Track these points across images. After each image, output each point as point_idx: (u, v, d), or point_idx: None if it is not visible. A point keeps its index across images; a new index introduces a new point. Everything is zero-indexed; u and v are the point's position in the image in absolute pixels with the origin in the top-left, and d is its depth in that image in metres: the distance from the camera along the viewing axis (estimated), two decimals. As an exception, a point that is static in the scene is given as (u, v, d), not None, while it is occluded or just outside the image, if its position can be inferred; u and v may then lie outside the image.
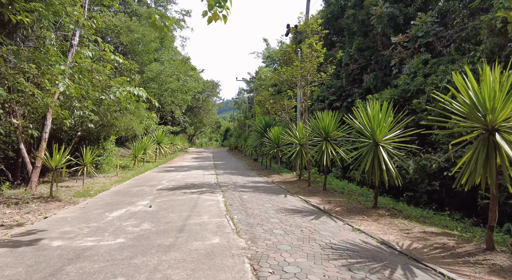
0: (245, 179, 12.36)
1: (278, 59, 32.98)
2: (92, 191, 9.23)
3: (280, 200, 7.86)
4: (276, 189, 9.76)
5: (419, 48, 13.73)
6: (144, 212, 6.55)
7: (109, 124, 11.80)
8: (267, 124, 15.75)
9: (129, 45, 23.69)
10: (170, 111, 36.71)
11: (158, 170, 15.62)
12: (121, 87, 7.53)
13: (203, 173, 14.21)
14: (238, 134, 30.17)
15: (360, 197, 8.41)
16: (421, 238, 4.85)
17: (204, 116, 45.00)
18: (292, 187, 10.30)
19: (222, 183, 11.10)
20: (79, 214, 6.37)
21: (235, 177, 12.98)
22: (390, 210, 6.58)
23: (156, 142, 20.32)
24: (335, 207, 7.17)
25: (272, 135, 13.85)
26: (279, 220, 5.84)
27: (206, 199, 7.90)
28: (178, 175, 13.41)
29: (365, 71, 18.62)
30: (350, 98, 18.11)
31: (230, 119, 79.36)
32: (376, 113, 6.51)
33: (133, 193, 8.93)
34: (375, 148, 6.61)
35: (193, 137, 55.27)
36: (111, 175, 13.08)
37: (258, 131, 16.43)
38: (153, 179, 12.25)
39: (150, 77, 22.58)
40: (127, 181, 11.59)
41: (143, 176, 13.11)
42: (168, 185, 10.57)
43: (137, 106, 14.14)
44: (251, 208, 6.90)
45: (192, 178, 12.36)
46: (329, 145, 8.94)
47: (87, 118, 10.33)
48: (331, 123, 8.93)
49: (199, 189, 9.55)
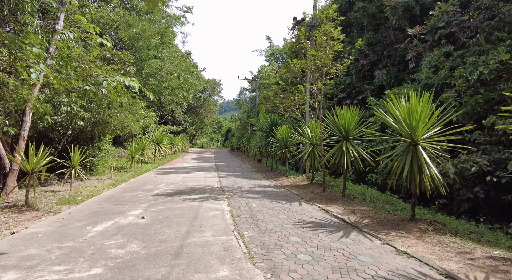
0: (250, 182, 11.18)
1: (282, 57, 31.82)
2: (79, 197, 8.07)
3: (296, 210, 6.68)
4: (288, 195, 8.58)
5: (439, 40, 12.55)
6: (134, 225, 5.37)
7: (102, 122, 10.65)
8: (273, 123, 14.58)
9: (128, 41, 22.55)
10: (171, 110, 35.56)
11: (157, 172, 14.45)
12: (110, 78, 6.38)
13: (204, 176, 13.03)
14: (240, 134, 28.99)
15: (387, 206, 7.22)
16: (494, 268, 3.66)
17: (205, 116, 43.81)
18: (304, 192, 9.12)
19: (226, 187, 9.92)
20: (55, 228, 5.20)
21: (239, 180, 11.80)
22: (431, 224, 5.39)
23: (155, 142, 19.16)
24: (363, 219, 5.99)
25: (279, 134, 12.67)
26: (301, 238, 4.65)
27: (209, 208, 6.72)
28: (178, 178, 12.24)
29: (377, 67, 17.43)
30: (360, 95, 16.93)
31: (232, 119, 78.24)
32: (414, 106, 5.32)
33: (126, 200, 7.76)
34: (413, 148, 5.43)
35: (194, 137, 54.12)
36: (104, 178, 11.91)
37: (263, 130, 15.26)
38: (150, 182, 11.08)
39: (149, 73, 21.43)
40: (121, 185, 10.42)
41: (139, 179, 11.94)
42: (166, 189, 9.40)
43: (132, 102, 12.97)
44: (263, 220, 5.72)
45: (193, 181, 11.19)
46: (349, 145, 7.75)
47: (76, 114, 9.17)
48: (352, 119, 7.75)
49: (201, 195, 8.37)
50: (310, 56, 8.48)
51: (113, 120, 10.94)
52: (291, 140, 12.34)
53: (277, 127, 14.11)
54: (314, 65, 8.49)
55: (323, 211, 6.63)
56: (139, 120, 14.25)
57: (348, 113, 7.82)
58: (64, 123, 10.08)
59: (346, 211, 6.67)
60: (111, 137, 15.45)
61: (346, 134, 7.86)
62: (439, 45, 12.37)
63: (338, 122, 7.94)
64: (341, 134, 7.96)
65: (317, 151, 10.14)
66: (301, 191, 9.25)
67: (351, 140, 7.90)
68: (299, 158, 10.66)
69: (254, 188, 9.79)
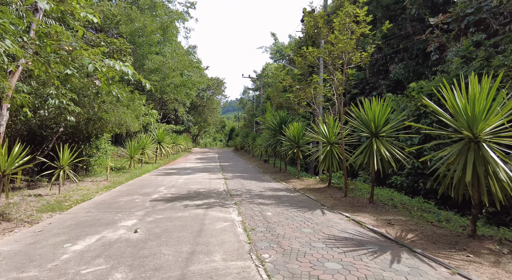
0: (260, 185, 10.03)
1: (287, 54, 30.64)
2: (67, 202, 6.97)
3: (320, 220, 5.52)
4: (305, 201, 7.42)
5: (466, 29, 11.33)
6: (125, 242, 4.25)
7: (97, 118, 9.57)
8: (282, 120, 13.43)
9: (129, 37, 21.51)
10: (173, 109, 34.53)
11: (157, 173, 13.35)
12: (99, 62, 5.29)
13: (209, 177, 11.91)
14: (245, 133, 27.85)
15: (426, 215, 6.04)
16: None
17: (209, 115, 42.69)
18: (323, 197, 7.96)
19: (233, 190, 8.78)
20: (23, 246, 4.09)
21: (247, 182, 10.65)
22: (503, 244, 4.20)
23: (157, 141, 18.08)
24: (405, 233, 4.82)
25: (291, 132, 11.51)
26: (340, 264, 3.50)
27: (216, 218, 5.58)
28: (180, 180, 11.12)
29: (392, 61, 16.22)
30: (375, 91, 15.73)
31: (235, 119, 77.13)
32: (475, 94, 4.15)
33: (119, 206, 6.64)
34: (474, 146, 4.25)
35: (197, 137, 53.07)
36: (100, 179, 10.83)
37: (271, 129, 14.11)
38: (149, 184, 9.97)
39: (151, 69, 20.36)
40: (117, 188, 9.32)
41: (138, 181, 10.83)
42: (167, 193, 8.28)
43: (131, 97, 11.87)
44: (284, 236, 4.57)
45: (196, 184, 10.06)
46: (379, 143, 6.57)
47: (66, 109, 8.08)
48: (383, 113, 6.57)
49: (206, 200, 7.24)
50: (333, 40, 7.31)
51: (109, 116, 9.84)
52: (304, 139, 11.19)
53: (287, 125, 12.96)
54: (338, 50, 7.31)
55: (353, 222, 5.47)
56: (139, 117, 13.16)
57: (378, 106, 6.65)
58: (55, 119, 8.99)
59: (381, 222, 5.50)
60: (110, 135, 14.41)
61: (376, 131, 6.68)
62: (467, 34, 11.15)
63: (366, 117, 6.76)
64: (369, 131, 6.78)
65: (335, 150, 8.98)
66: (319, 196, 8.09)
67: (381, 137, 6.72)
68: (313, 158, 9.49)
69: (265, 192, 8.64)
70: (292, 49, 29.84)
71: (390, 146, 6.61)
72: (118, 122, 10.35)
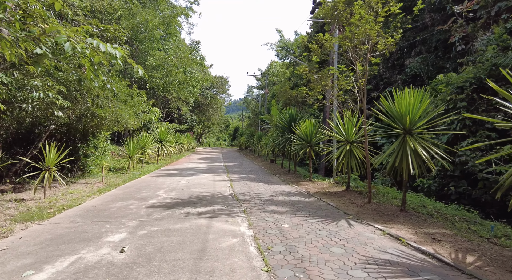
0: (269, 188, 9.01)
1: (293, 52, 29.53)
2: (51, 209, 6.03)
3: (349, 235, 4.49)
4: (324, 208, 6.38)
5: (496, 16, 10.19)
6: (105, 267, 3.27)
7: (91, 114, 8.64)
8: (292, 118, 12.39)
9: (130, 32, 20.64)
10: (177, 108, 33.65)
11: (158, 174, 12.40)
12: (81, 43, 4.32)
13: (213, 179, 10.92)
14: (250, 133, 26.84)
15: (475, 227, 4.96)
16: None
17: (213, 114, 41.75)
18: (343, 203, 6.91)
19: (240, 194, 7.78)
20: (-27, 273, 3.12)
21: (255, 184, 9.64)
22: None
23: (158, 140, 17.15)
24: (463, 254, 3.77)
25: (302, 130, 10.47)
26: (401, 310, 2.46)
27: (222, 231, 4.58)
28: (182, 181, 10.15)
29: (408, 54, 15.09)
30: (389, 87, 14.62)
31: (239, 119, 76.17)
32: None
33: (110, 214, 5.68)
34: None
35: (201, 137, 52.20)
36: (95, 181, 9.90)
37: (280, 127, 13.07)
38: (147, 187, 9.00)
39: (153, 65, 19.46)
40: (112, 191, 8.37)
41: (136, 183, 9.88)
42: (166, 198, 7.30)
43: (129, 92, 10.92)
44: (310, 258, 3.54)
45: (199, 186, 9.08)
46: (413, 140, 5.51)
47: (54, 103, 7.14)
48: (418, 104, 5.50)
49: (209, 207, 6.24)
50: (356, 22, 6.25)
51: (104, 112, 8.89)
52: (318, 137, 10.15)
53: (297, 122, 11.93)
54: (363, 32, 6.25)
55: (389, 237, 4.42)
56: (138, 114, 12.21)
57: (412, 97, 5.58)
58: (42, 115, 8.07)
59: (423, 237, 4.45)
60: (108, 133, 13.53)
61: (410, 126, 5.61)
62: (497, 22, 10.01)
63: (398, 110, 5.70)
64: (401, 127, 5.72)
65: (355, 150, 7.92)
66: (339, 202, 7.04)
67: (415, 134, 5.66)
68: (325, 159, 8.45)
69: (276, 196, 7.61)
70: (299, 46, 28.74)
71: (426, 144, 5.54)
72: (115, 118, 9.40)
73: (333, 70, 7.86)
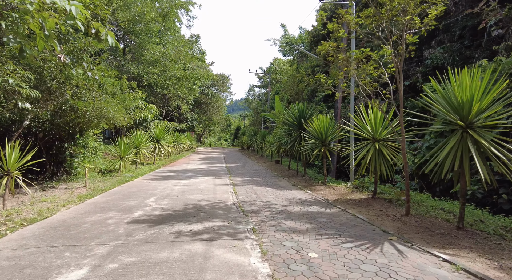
0: (280, 194, 7.61)
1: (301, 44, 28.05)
2: (5, 226, 4.67)
3: (407, 271, 3.08)
4: (354, 223, 4.98)
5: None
6: None
7: (70, 108, 7.29)
8: (302, 114, 10.98)
9: (126, 25, 19.28)
10: (176, 106, 32.28)
11: (153, 176, 11.03)
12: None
13: (213, 182, 9.53)
14: (253, 132, 25.44)
15: None
16: None
17: (214, 113, 40.33)
18: (375, 216, 5.51)
19: (246, 203, 6.39)
20: None
21: (262, 190, 8.24)
22: None
23: (155, 140, 15.77)
24: None
25: (315, 127, 9.08)
26: None
27: (225, 267, 3.18)
28: (178, 186, 8.77)
29: (427, 45, 13.66)
30: (407, 80, 13.20)
31: (240, 118, 74.80)
32: None
33: (78, 233, 4.30)
34: None
35: (201, 136, 50.83)
36: (79, 186, 8.54)
37: (288, 124, 11.66)
38: (137, 193, 7.63)
39: (150, 60, 18.09)
40: (94, 198, 6.99)
41: (126, 188, 8.50)
42: (155, 208, 5.92)
43: (117, 84, 9.54)
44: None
45: (197, 192, 7.69)
46: (477, 136, 4.09)
47: (17, 91, 5.77)
48: (482, 91, 4.09)
49: (208, 223, 4.84)
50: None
51: (86, 105, 7.52)
52: (334, 135, 8.77)
53: (309, 119, 10.55)
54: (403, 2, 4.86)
55: (467, 276, 3.02)
56: (129, 109, 10.82)
57: (473, 80, 4.17)
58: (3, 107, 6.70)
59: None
60: (98, 131, 12.19)
61: (471, 118, 4.20)
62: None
63: (454, 98, 4.28)
64: (458, 119, 4.30)
65: (385, 150, 6.52)
66: (369, 214, 5.64)
67: (477, 128, 4.25)
68: (358, 159, 7.06)
69: (290, 206, 6.21)
70: (304, 41, 27.32)
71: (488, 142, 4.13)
72: (99, 113, 8.02)
73: (357, 54, 6.44)
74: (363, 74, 6.24)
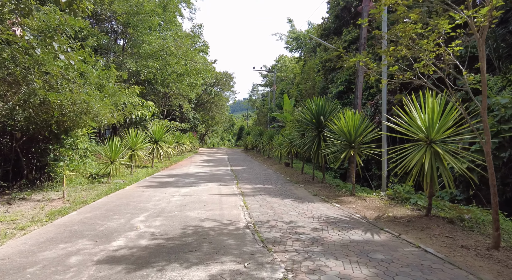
0: (302, 209, 6.00)
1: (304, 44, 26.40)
2: None
3: None
4: (428, 264, 3.36)
5: None
6: None
7: (39, 100, 5.74)
8: (321, 110, 9.35)
9: (124, 16, 17.78)
10: (178, 105, 30.77)
11: (149, 182, 9.48)
12: None
13: (218, 192, 7.94)
14: (259, 132, 23.81)
15: None
16: None
17: (217, 113, 38.75)
18: (448, 249, 3.89)
19: (263, 225, 4.79)
20: None
21: (279, 202, 6.64)
22: None
23: (153, 140, 14.21)
24: None
25: (342, 125, 7.46)
26: None
27: None
28: (176, 196, 7.19)
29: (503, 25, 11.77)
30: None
31: (243, 118, 73.28)
32: None
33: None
34: None
35: (204, 137, 49.30)
36: (57, 197, 7.00)
37: (304, 122, 10.02)
38: (125, 207, 6.05)
39: (148, 53, 16.56)
40: (69, 215, 5.44)
41: (113, 199, 6.93)
42: (143, 233, 4.34)
43: (104, 75, 7.97)
44: None
45: (199, 207, 6.10)
46: None
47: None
48: None
49: (215, 268, 3.24)
50: None
51: (61, 97, 5.96)
52: (367, 135, 7.16)
53: (331, 116, 8.96)
54: None
55: None
56: (119, 104, 9.24)
57: None
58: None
59: None
60: (90, 130, 10.70)
61: None
62: None
63: None
64: None
65: (445, 153, 4.89)
66: (437, 245, 4.02)
67: None
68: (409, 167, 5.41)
69: (324, 231, 4.60)
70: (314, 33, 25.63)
71: None
72: (79, 108, 6.45)
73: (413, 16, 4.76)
74: (422, 51, 4.60)
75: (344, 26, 18.81)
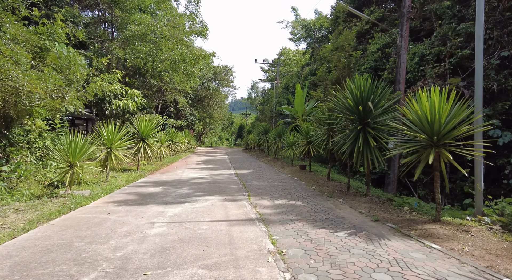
0: (384, 259, 3.20)
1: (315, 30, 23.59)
2: None
3: None
4: None
5: None
6: None
7: None
8: (365, 96, 6.50)
9: None
10: (173, 100, 27.81)
11: (124, 196, 6.61)
12: None
13: (225, 215, 5.10)
14: (263, 129, 20.96)
15: None
16: None
17: (215, 110, 35.75)
18: None
19: None
20: None
21: (331, 240, 3.82)
22: None
23: (139, 138, 11.31)
24: None
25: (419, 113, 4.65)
26: None
27: None
28: (155, 228, 4.34)
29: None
30: (505, 50, 8.81)
31: (242, 117, 70.44)
32: None
33: None
34: None
35: (202, 135, 46.30)
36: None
37: (345, 111, 7.12)
38: (53, 260, 3.19)
39: (136, 34, 13.66)
40: None
41: (49, 233, 4.05)
42: None
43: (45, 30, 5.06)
44: None
45: (194, 256, 3.26)
46: None
47: None
48: None
49: None
50: None
51: None
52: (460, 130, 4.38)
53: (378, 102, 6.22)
54: None
55: None
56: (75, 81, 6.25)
57: None
58: None
59: None
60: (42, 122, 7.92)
61: None
62: None
63: None
64: None
65: None
66: None
67: None
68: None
69: None
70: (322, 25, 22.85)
71: None
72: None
73: None
74: None
75: (364, 6, 16.11)
